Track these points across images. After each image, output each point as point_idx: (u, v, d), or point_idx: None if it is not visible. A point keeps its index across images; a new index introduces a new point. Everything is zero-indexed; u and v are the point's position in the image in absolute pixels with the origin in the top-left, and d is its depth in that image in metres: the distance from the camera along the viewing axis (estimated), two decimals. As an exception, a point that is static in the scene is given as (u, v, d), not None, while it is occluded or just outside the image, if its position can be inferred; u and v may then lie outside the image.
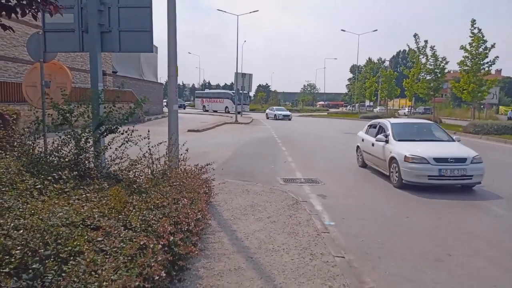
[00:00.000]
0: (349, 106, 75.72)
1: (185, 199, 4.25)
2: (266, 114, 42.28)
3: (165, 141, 5.77)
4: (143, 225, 3.25)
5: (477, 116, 29.20)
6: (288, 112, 40.19)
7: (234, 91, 41.60)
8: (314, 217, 5.56)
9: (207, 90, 63.48)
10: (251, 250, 4.21)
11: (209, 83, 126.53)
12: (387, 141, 8.65)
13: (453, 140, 9.03)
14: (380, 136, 9.01)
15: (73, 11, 5.64)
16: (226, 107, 48.39)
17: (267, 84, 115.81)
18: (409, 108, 47.05)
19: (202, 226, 4.42)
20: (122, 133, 4.91)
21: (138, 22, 5.80)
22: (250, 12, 44.94)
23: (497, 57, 23.66)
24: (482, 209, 6.55)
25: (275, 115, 39.22)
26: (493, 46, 23.39)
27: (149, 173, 4.93)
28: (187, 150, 5.87)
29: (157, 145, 5.15)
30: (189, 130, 19.51)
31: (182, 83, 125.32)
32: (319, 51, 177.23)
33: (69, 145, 4.79)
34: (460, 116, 42.34)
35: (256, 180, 8.13)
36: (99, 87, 5.53)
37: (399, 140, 8.47)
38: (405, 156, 7.66)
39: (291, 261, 3.95)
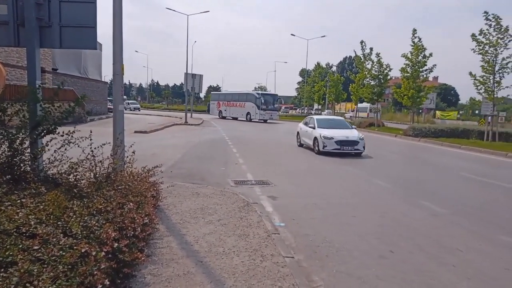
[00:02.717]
0: (298, 109, 77.48)
1: (131, 203, 4.06)
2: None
3: (110, 143, 5.49)
4: (84, 232, 3.05)
5: (416, 120, 31.13)
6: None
7: (259, 92, 38.80)
8: (265, 219, 5.58)
9: (224, 91, 49.36)
10: (200, 254, 4.13)
11: (157, 83, 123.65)
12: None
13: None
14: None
15: (7, 1, 5.21)
16: (248, 113, 37.94)
17: (218, 85, 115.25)
18: (353, 111, 49.09)
19: (149, 231, 4.26)
20: (62, 135, 4.59)
21: (81, 17, 5.48)
22: (200, 13, 44.30)
23: (435, 65, 25.48)
24: (414, 205, 6.96)
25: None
26: (431, 55, 25.13)
27: (92, 176, 4.66)
28: (133, 152, 5.64)
29: (101, 146, 4.88)
30: (136, 132, 18.85)
31: (129, 82, 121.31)
32: (270, 54, 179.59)
33: (1, 146, 4.40)
34: (401, 120, 44.95)
35: (206, 183, 8.02)
36: (36, 85, 5.15)
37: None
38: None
39: (242, 264, 3.92)
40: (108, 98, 40.00)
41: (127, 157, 5.72)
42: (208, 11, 40.85)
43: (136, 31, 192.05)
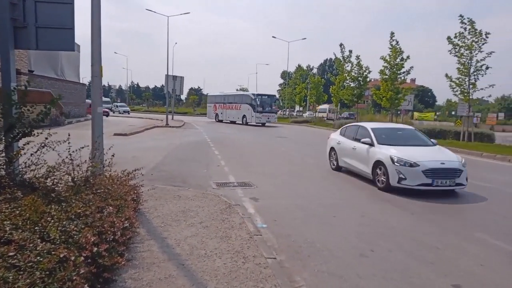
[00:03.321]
0: (280, 110, 77.81)
1: (110, 207, 4.01)
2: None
3: (88, 146, 5.40)
4: (63, 237, 2.99)
5: (395, 121, 31.70)
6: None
7: (254, 94, 34.75)
8: (247, 220, 5.58)
9: (220, 92, 43.49)
10: (182, 257, 4.10)
11: (137, 85, 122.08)
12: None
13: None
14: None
15: (-20, 1, 5.06)
16: (244, 116, 35.16)
17: (199, 87, 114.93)
18: (330, 110, 49.75)
19: (129, 235, 4.21)
20: (38, 136, 4.48)
21: (58, 18, 5.37)
22: (181, 14, 44.04)
23: (412, 67, 26.04)
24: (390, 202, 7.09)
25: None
26: (408, 57, 25.67)
27: (70, 180, 4.56)
28: (113, 155, 5.56)
29: (79, 149, 4.80)
30: (115, 134, 18.57)
31: (108, 84, 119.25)
32: (251, 56, 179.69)
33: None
34: (380, 121, 45.63)
35: (188, 185, 7.97)
36: (11, 87, 5.01)
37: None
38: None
39: (224, 266, 3.91)
40: (87, 100, 39.18)
41: (106, 160, 5.64)
42: (189, 13, 40.49)
43: (115, 32, 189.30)
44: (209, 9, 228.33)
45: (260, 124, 34.10)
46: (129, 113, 50.92)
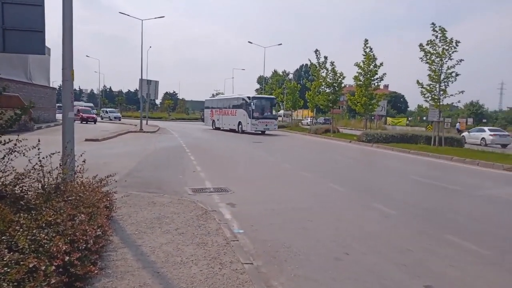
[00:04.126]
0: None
1: (82, 215, 3.90)
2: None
3: (59, 152, 5.24)
4: (32, 246, 2.89)
5: (369, 126, 32.41)
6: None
7: (249, 96, 30.47)
8: (224, 226, 5.55)
9: (218, 96, 41.13)
10: (157, 264, 4.02)
11: (110, 89, 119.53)
12: None
13: None
14: None
15: None
16: (239, 122, 30.96)
17: (174, 91, 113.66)
18: (311, 118, 50.32)
19: (102, 243, 4.11)
20: (4, 143, 4.31)
21: (28, 20, 5.23)
22: (155, 18, 43.42)
23: (385, 73, 26.75)
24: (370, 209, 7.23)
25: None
26: (381, 64, 26.35)
27: (39, 187, 4.41)
28: (84, 161, 5.42)
29: (50, 156, 4.65)
30: (86, 140, 18.11)
31: (79, 88, 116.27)
32: (227, 60, 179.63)
33: None
34: (355, 126, 46.72)
35: (163, 192, 7.85)
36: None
37: None
38: None
39: (200, 272, 3.87)
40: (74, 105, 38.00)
41: (78, 166, 5.49)
42: (164, 17, 40.34)
43: (87, 35, 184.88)
44: (185, 13, 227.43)
45: (260, 132, 30.12)
46: (120, 120, 47.53)
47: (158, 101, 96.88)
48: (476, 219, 6.81)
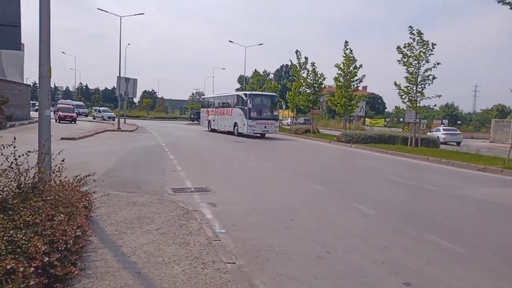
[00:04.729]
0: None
1: (61, 215, 3.81)
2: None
3: (35, 150, 5.09)
4: (10, 247, 2.80)
5: (348, 127, 32.91)
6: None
7: (246, 93, 26.69)
8: (205, 226, 5.52)
9: (215, 94, 36.34)
10: (138, 265, 3.97)
11: (86, 86, 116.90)
12: None
13: None
14: None
15: None
16: (235, 124, 27.12)
17: (153, 90, 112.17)
18: (292, 118, 50.65)
19: (82, 243, 4.03)
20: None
21: (3, 15, 5.06)
22: (135, 15, 42.60)
23: (364, 75, 27.21)
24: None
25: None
26: (361, 66, 26.80)
27: (16, 186, 4.28)
28: (63, 160, 5.29)
29: (26, 154, 4.51)
30: (62, 138, 17.63)
31: (55, 85, 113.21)
32: (208, 59, 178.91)
33: None
34: (334, 127, 47.36)
35: (142, 191, 7.74)
36: None
37: None
38: None
39: (183, 272, 3.84)
40: (60, 104, 36.01)
41: (56, 165, 5.35)
42: (143, 14, 39.54)
43: (63, 31, 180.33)
44: (165, 11, 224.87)
45: (259, 135, 26.80)
46: (113, 120, 43.52)
47: (136, 100, 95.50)
48: (452, 218, 7.01)
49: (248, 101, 25.48)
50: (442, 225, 6.51)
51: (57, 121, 33.05)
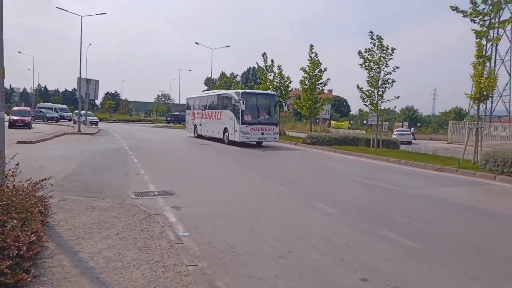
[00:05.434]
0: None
1: (14, 220, 3.66)
2: None
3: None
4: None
5: (314, 129, 33.50)
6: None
7: (238, 92, 21.86)
8: (168, 229, 5.45)
9: (201, 93, 31.91)
10: (97, 270, 3.87)
11: (45, 87, 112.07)
12: None
13: None
14: None
15: None
16: (225, 129, 22.79)
17: (116, 92, 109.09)
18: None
19: (37, 249, 3.88)
20: None
21: None
22: (96, 14, 41.16)
23: (329, 78, 27.83)
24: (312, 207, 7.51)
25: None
26: (325, 69, 27.38)
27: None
28: (17, 164, 5.07)
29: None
30: (18, 142, 16.87)
31: (10, 86, 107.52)
32: (173, 61, 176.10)
33: None
34: (301, 129, 48.06)
35: (103, 196, 7.53)
36: None
37: None
38: None
39: (142, 276, 3.78)
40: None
41: (9, 170, 5.12)
42: (105, 13, 38.30)
43: (20, 30, 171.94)
44: (129, 11, 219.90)
45: (255, 143, 22.51)
46: (97, 124, 41.13)
47: (98, 102, 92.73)
48: (410, 216, 7.30)
49: (241, 101, 20.36)
50: (400, 223, 6.77)
51: (9, 127, 27.62)
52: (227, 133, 22.59)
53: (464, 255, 5.20)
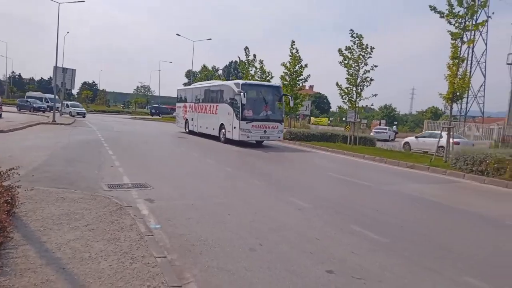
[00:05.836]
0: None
1: (-24, 210, 3.57)
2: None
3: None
4: None
5: (294, 125, 33.69)
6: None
7: (238, 83, 19.29)
8: (139, 222, 5.42)
9: (194, 84, 30.01)
10: (63, 261, 3.83)
11: (20, 75, 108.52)
12: None
13: None
14: None
15: None
16: (221, 125, 20.35)
17: (94, 82, 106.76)
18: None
19: (0, 240, 3.80)
20: None
21: None
22: (74, 2, 39.89)
23: (309, 75, 27.98)
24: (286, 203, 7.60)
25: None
26: (306, 65, 27.51)
27: None
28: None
29: None
30: (-11, 131, 16.36)
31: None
32: (154, 52, 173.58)
33: None
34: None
35: (75, 187, 7.40)
36: None
37: None
38: None
39: (110, 267, 3.77)
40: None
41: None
42: (84, 1, 37.37)
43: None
44: (110, 1, 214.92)
45: (255, 142, 20.31)
46: (84, 116, 40.08)
47: (75, 91, 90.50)
48: (380, 211, 7.49)
49: (242, 94, 17.84)
50: (370, 218, 6.94)
51: None
52: (223, 130, 20.17)
53: (428, 249, 5.39)
